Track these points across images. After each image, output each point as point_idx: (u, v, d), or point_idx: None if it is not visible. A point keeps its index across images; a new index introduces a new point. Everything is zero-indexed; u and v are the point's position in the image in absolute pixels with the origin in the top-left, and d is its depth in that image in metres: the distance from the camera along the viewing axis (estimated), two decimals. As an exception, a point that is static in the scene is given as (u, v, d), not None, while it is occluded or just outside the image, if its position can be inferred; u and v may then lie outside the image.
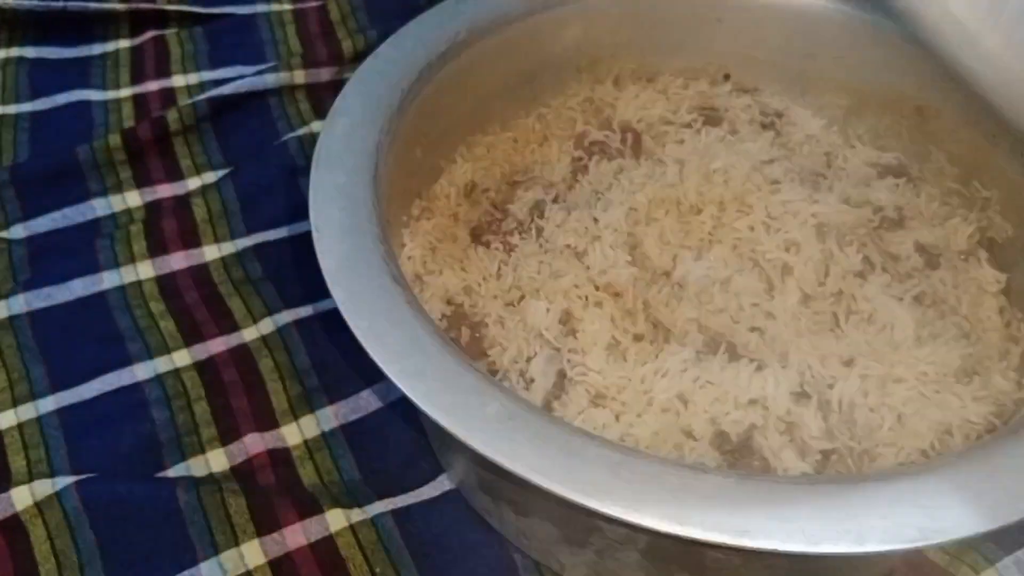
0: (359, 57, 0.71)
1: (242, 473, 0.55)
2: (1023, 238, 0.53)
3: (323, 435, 0.57)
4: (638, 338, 0.49)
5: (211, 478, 0.54)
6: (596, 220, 0.53)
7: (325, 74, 0.79)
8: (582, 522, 0.42)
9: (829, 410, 0.46)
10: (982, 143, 0.55)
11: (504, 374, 0.49)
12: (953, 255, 0.53)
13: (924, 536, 0.33)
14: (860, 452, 0.45)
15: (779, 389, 0.46)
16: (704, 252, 0.52)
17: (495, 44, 0.58)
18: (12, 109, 0.78)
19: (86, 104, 0.79)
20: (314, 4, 0.87)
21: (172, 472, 0.55)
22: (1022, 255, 0.53)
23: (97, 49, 0.85)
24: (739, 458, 0.45)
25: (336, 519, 0.51)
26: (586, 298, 0.50)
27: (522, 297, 0.51)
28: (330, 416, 0.57)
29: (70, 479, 0.52)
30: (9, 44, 0.84)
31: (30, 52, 0.83)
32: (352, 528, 0.51)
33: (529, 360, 0.49)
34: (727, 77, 0.64)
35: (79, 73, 0.82)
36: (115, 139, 0.72)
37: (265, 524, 0.51)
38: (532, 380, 0.48)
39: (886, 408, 0.46)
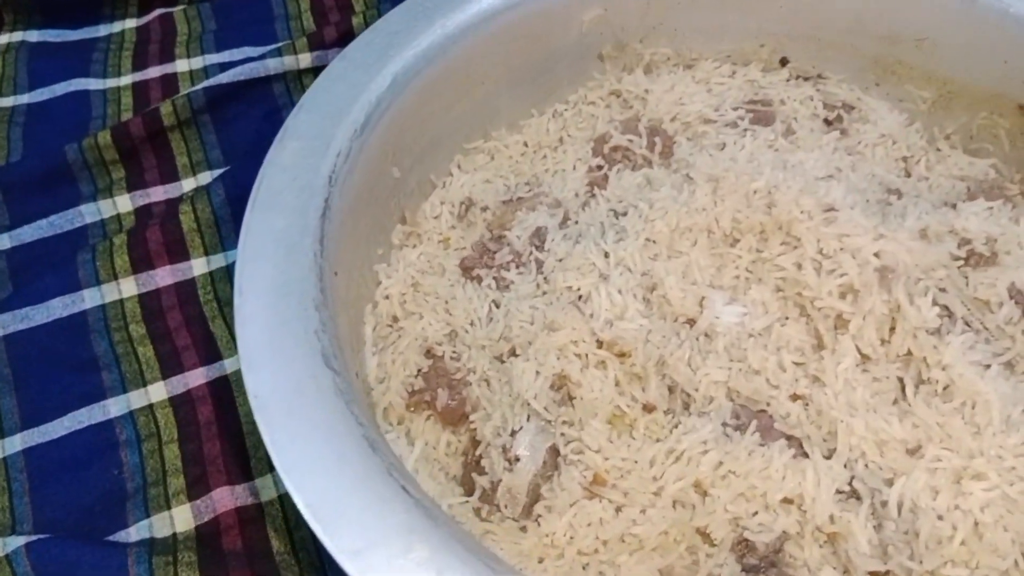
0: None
1: (206, 535, 0.50)
2: None
3: None
4: (648, 408, 0.41)
5: (171, 542, 0.49)
6: (606, 255, 0.44)
7: (333, 56, 0.71)
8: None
9: (885, 516, 0.37)
10: None
11: (486, 448, 0.41)
12: None
13: None
14: (921, 575, 0.35)
15: (822, 486, 0.37)
16: (739, 294, 0.43)
17: (496, 31, 0.49)
18: (9, 101, 0.74)
19: (85, 94, 0.75)
20: (331, -27, 0.79)
21: (134, 531, 0.50)
22: None
23: (103, 30, 0.80)
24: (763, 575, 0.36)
25: None
26: (586, 357, 0.41)
27: (512, 351, 0.43)
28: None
29: (21, 540, 0.48)
30: (13, 27, 0.80)
31: (33, 36, 0.79)
32: None
33: (514, 433, 0.41)
34: (784, 62, 0.55)
35: (81, 59, 0.77)
36: (106, 136, 0.67)
37: None
38: (517, 459, 0.40)
39: (959, 514, 0.36)
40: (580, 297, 0.43)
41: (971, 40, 0.47)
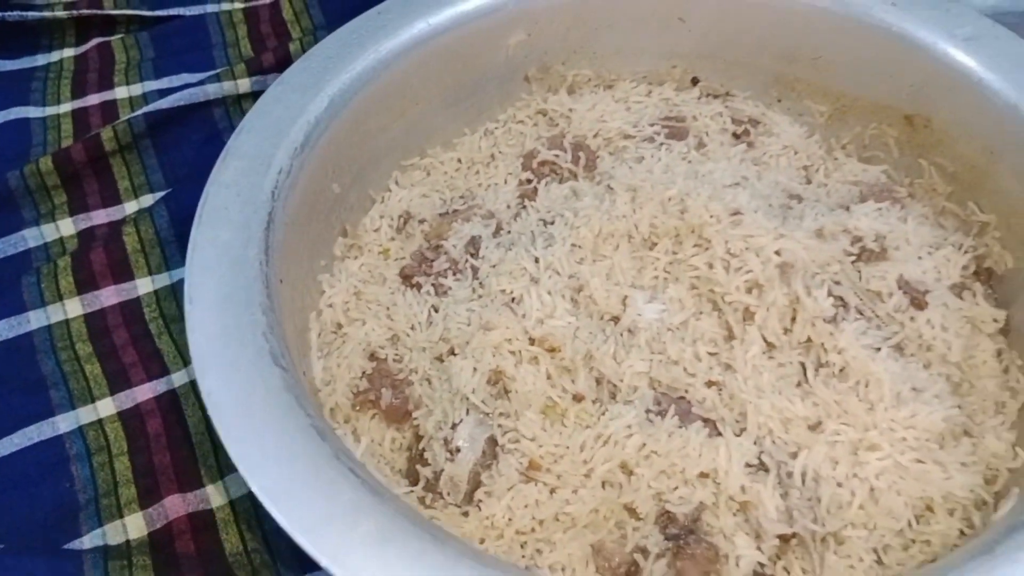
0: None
1: (159, 541, 0.51)
2: (1025, 269, 0.46)
3: (250, 494, 0.52)
4: (578, 398, 0.44)
5: (125, 548, 0.50)
6: (536, 260, 0.47)
7: (272, 81, 0.74)
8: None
9: (790, 485, 0.40)
10: (980, 159, 0.49)
11: (428, 442, 0.44)
12: (943, 290, 0.47)
13: None
14: (824, 536, 0.39)
15: (733, 460, 0.40)
16: (658, 292, 0.46)
17: (427, 56, 0.53)
18: (-53, 131, 0.74)
19: (25, 122, 0.75)
20: (266, 2, 0.82)
21: (88, 540, 0.52)
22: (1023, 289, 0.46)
23: (40, 60, 0.81)
24: (685, 544, 0.39)
25: None
26: (519, 353, 0.44)
27: (451, 351, 0.46)
28: (245, 482, 0.53)
29: None
30: (-50, 57, 0.80)
31: None
32: None
33: (455, 426, 0.44)
34: (695, 81, 0.59)
35: (20, 88, 0.78)
36: (47, 162, 0.68)
37: None
38: (458, 449, 0.43)
39: (856, 481, 0.40)
40: (513, 299, 0.46)
41: (860, 57, 0.52)
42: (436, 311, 0.48)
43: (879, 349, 0.43)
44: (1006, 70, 0.47)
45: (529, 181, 0.54)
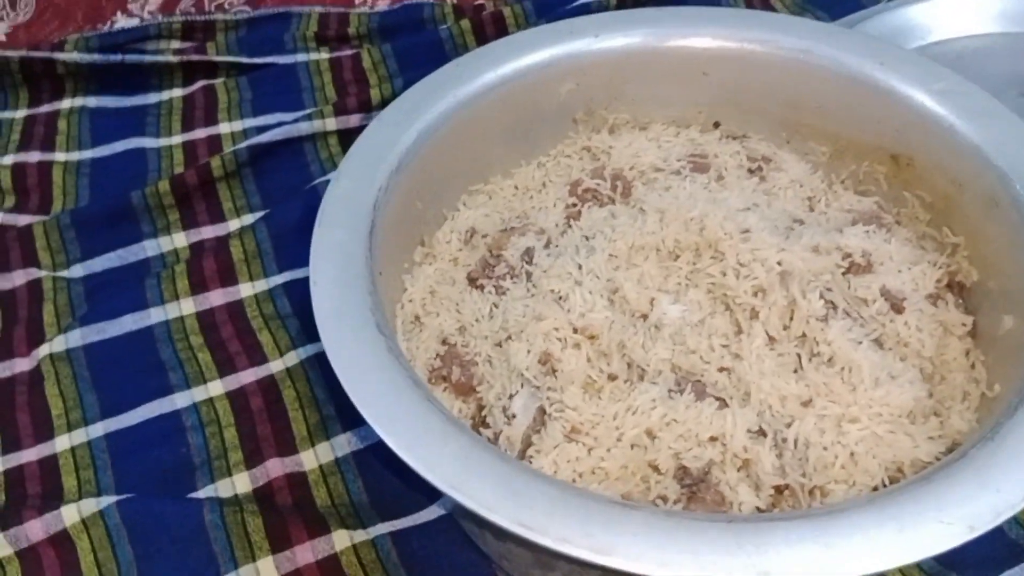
0: (386, 103, 0.76)
1: (262, 495, 0.61)
2: (988, 282, 0.55)
3: (336, 461, 0.62)
4: (612, 377, 0.53)
5: (235, 499, 0.60)
6: (580, 266, 0.57)
7: (355, 120, 0.85)
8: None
9: (784, 448, 0.49)
10: (950, 190, 0.57)
11: (490, 410, 0.54)
12: (920, 299, 0.56)
13: (822, 571, 0.36)
14: (811, 488, 0.48)
15: (738, 427, 0.50)
16: (681, 295, 0.56)
17: (493, 101, 0.63)
18: (75, 156, 0.86)
19: (141, 151, 0.87)
20: (348, 53, 0.94)
21: (202, 493, 0.61)
22: (987, 299, 0.55)
23: (153, 98, 0.92)
24: (697, 491, 0.49)
25: (341, 539, 0.56)
26: (565, 340, 0.54)
27: (508, 337, 0.55)
28: (343, 443, 0.63)
29: (112, 498, 0.59)
30: (74, 94, 0.92)
31: (92, 102, 0.91)
32: (355, 548, 0.56)
33: (512, 397, 0.53)
34: (717, 125, 0.68)
35: (135, 122, 0.90)
36: (164, 185, 0.79)
37: (279, 543, 0.56)
38: (514, 416, 0.53)
39: (839, 447, 0.49)
40: (560, 297, 0.55)
41: (854, 106, 0.60)
42: (496, 307, 0.57)
43: (861, 343, 0.52)
44: (970, 117, 0.56)
45: (575, 205, 0.63)
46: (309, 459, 0.62)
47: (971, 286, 0.56)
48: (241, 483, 0.61)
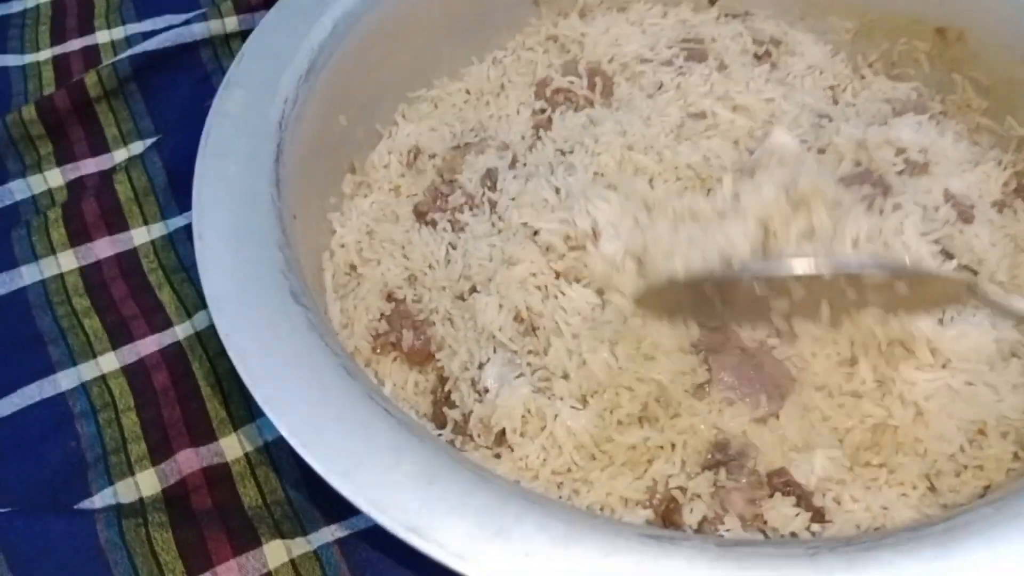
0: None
1: (174, 498, 0.50)
2: (1069, 185, 0.45)
3: (266, 446, 0.52)
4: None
5: (139, 507, 0.50)
6: (557, 190, 0.46)
7: (262, 18, 0.71)
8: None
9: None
10: (1019, 70, 0.47)
11: (455, 383, 0.43)
12: (986, 206, 0.46)
13: None
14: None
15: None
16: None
17: (432, -20, 0.50)
18: (-79, 86, 0.72)
19: (3, 71, 0.74)
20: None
21: (98, 499, 0.51)
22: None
23: (17, 6, 0.79)
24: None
25: (275, 553, 0.46)
26: (545, 288, 0.43)
27: (473, 288, 0.44)
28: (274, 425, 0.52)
29: None
30: (-80, 9, 0.77)
31: None
32: (293, 563, 0.46)
33: (482, 366, 0.42)
34: (712, 1, 0.57)
35: (-4, 36, 0.75)
36: (30, 112, 0.67)
37: (196, 562, 0.46)
38: (486, 390, 0.42)
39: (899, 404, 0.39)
40: (535, 232, 0.45)
41: None
42: (454, 248, 0.47)
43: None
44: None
45: (543, 111, 0.53)
46: (231, 447, 0.52)
47: (1045, 191, 0.46)
48: (146, 483, 0.51)
